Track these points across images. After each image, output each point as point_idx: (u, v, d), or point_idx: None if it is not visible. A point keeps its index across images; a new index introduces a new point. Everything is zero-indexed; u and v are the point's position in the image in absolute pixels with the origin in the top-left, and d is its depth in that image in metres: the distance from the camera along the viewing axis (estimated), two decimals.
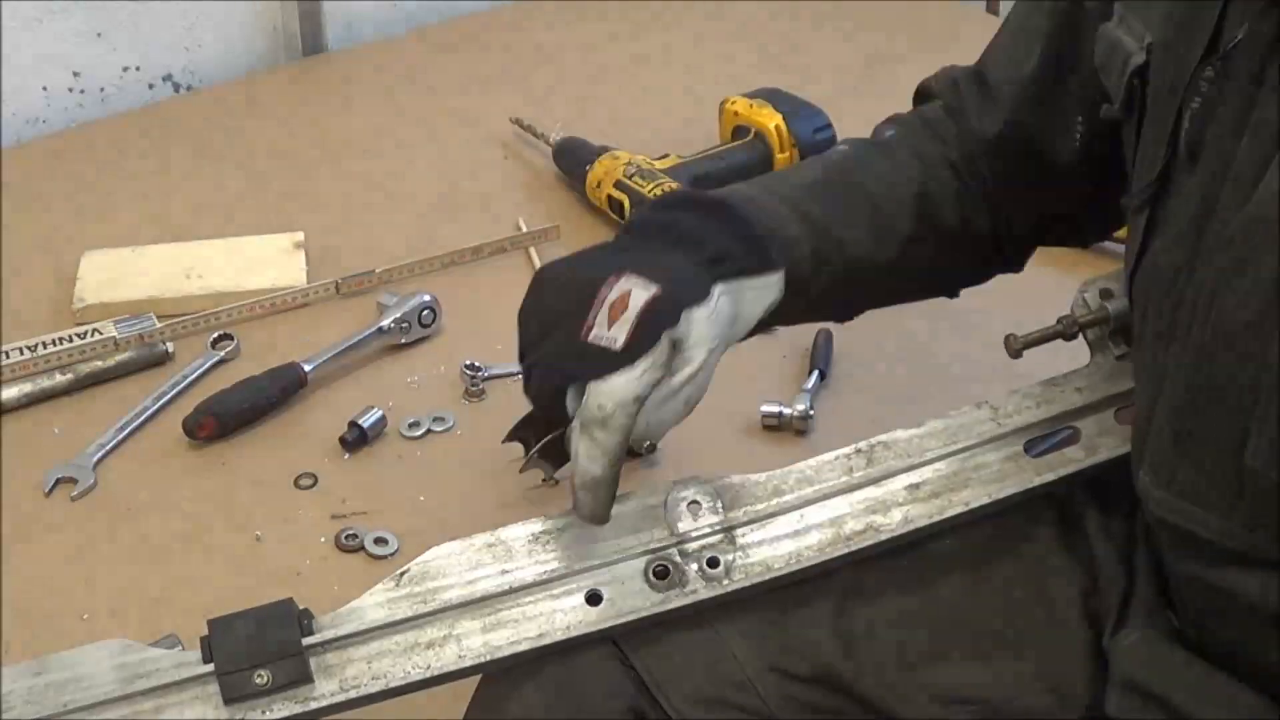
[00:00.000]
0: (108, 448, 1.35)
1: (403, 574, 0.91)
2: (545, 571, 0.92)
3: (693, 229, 0.93)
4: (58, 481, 1.31)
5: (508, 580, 0.92)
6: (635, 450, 1.31)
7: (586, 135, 1.74)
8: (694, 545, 0.93)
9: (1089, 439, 1.00)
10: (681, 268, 0.90)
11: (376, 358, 1.47)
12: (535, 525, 0.94)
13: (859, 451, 0.98)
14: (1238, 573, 0.83)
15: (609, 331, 0.86)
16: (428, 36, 2.08)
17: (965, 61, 1.10)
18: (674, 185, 1.61)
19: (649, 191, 1.60)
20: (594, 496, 0.87)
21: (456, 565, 0.92)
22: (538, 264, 1.60)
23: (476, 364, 1.43)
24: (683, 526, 0.94)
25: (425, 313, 1.48)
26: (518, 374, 1.43)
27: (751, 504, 0.96)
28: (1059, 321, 1.01)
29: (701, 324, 0.88)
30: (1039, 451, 1.00)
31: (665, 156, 1.68)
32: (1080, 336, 1.02)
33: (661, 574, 0.92)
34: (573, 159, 1.72)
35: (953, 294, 1.13)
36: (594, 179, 1.67)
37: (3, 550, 1.24)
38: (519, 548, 0.93)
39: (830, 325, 1.46)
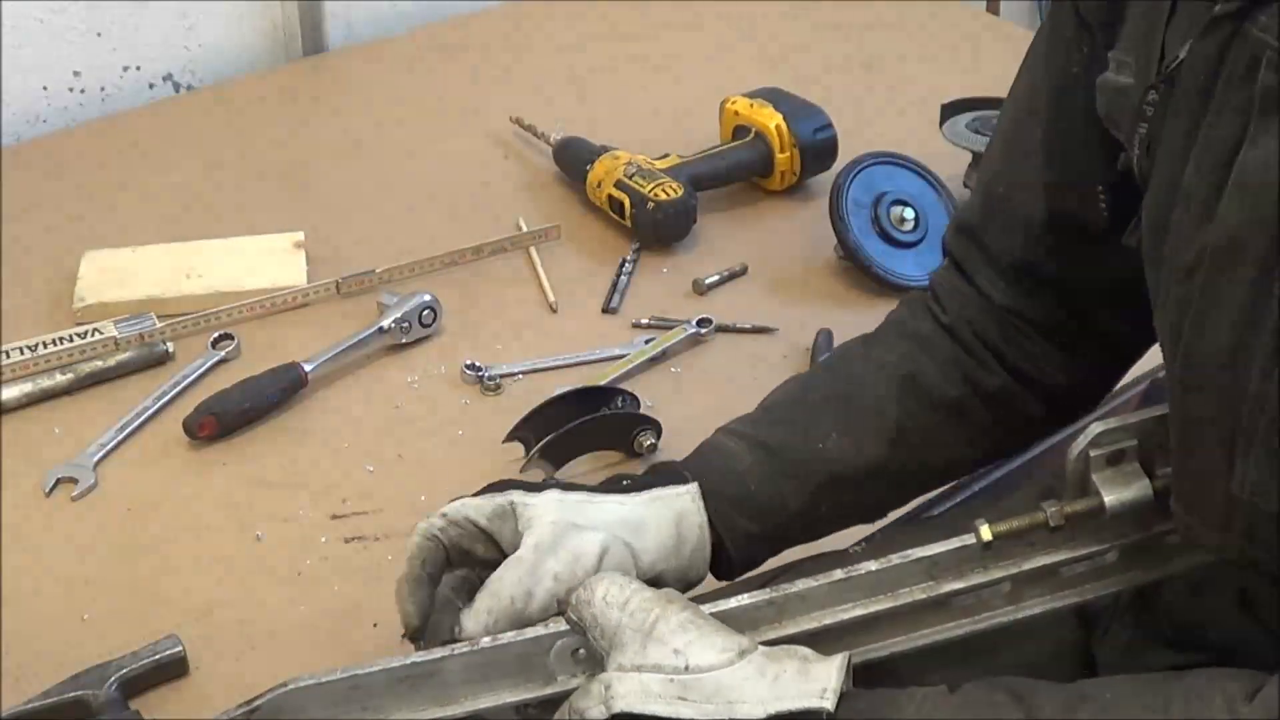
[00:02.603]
0: (108, 448, 1.35)
1: (254, 709, 0.85)
2: (412, 716, 0.87)
3: (613, 477, 1.00)
4: (58, 481, 1.31)
5: None
6: (636, 451, 1.31)
7: (586, 135, 1.75)
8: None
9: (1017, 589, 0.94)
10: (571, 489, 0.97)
11: (377, 358, 1.47)
12: (397, 664, 0.87)
13: (770, 603, 0.90)
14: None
15: None
16: (428, 36, 2.08)
17: (965, 61, 1.09)
18: (675, 184, 1.61)
19: (649, 191, 1.60)
20: (402, 596, 0.94)
21: (314, 702, 0.86)
22: (538, 264, 1.60)
23: (477, 364, 1.43)
24: (563, 678, 0.88)
25: (425, 312, 1.48)
26: (517, 374, 1.44)
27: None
28: (1042, 507, 0.91)
29: (544, 503, 0.93)
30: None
31: (665, 156, 1.68)
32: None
33: None
34: (573, 158, 1.72)
35: (1009, 453, 1.10)
36: (594, 179, 1.67)
37: (3, 550, 1.24)
38: (382, 688, 0.87)
39: (829, 324, 1.47)
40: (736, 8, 2.14)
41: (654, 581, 0.93)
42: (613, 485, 0.97)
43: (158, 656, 1.11)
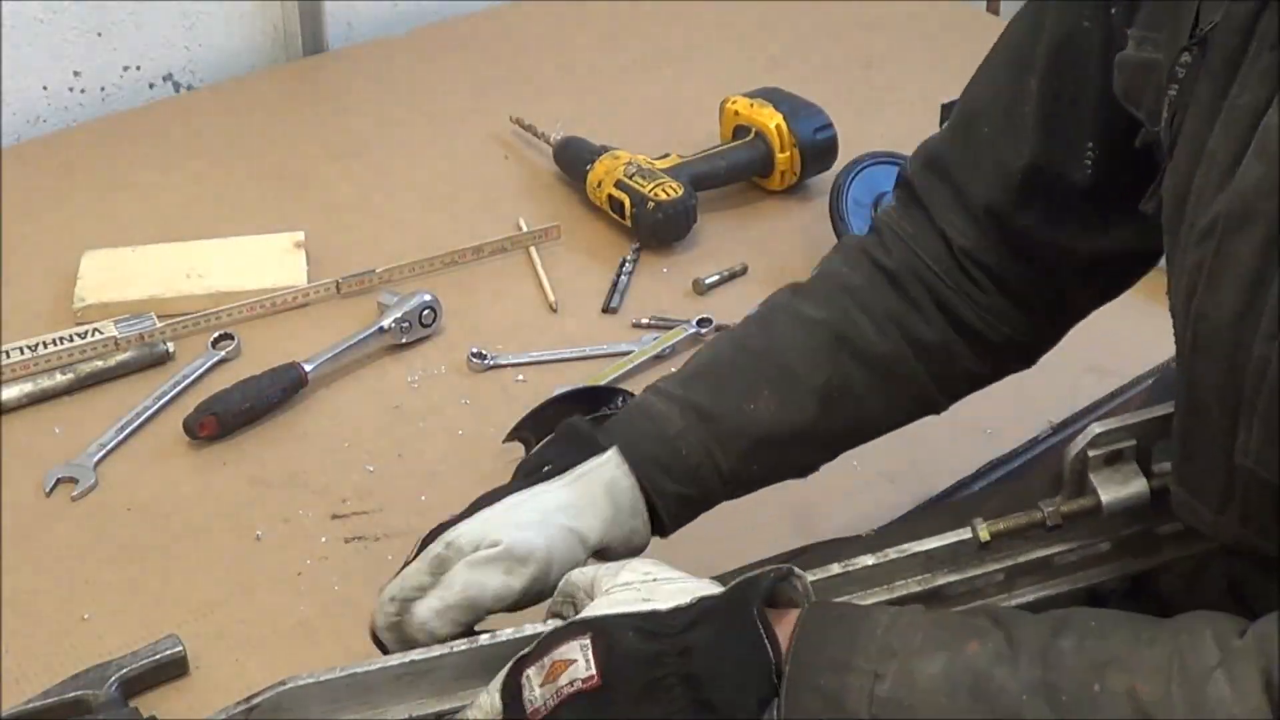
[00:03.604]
0: (108, 448, 1.35)
1: (253, 706, 0.85)
2: (409, 714, 0.87)
3: (528, 458, 1.01)
4: (58, 481, 1.31)
5: None
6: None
7: (587, 135, 1.75)
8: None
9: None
10: (492, 494, 0.96)
11: (377, 357, 1.47)
12: (395, 662, 0.87)
13: None
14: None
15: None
16: (428, 36, 2.08)
17: (965, 61, 1.09)
18: (675, 184, 1.61)
19: (649, 191, 1.60)
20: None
21: (313, 699, 0.86)
22: (538, 263, 1.60)
23: (483, 351, 1.44)
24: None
25: (426, 312, 1.48)
26: (522, 364, 1.43)
27: None
28: (1040, 506, 0.92)
29: (474, 526, 0.93)
30: None
31: (666, 156, 1.68)
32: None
33: None
34: (573, 158, 1.72)
35: (938, 410, 1.07)
36: (594, 178, 1.67)
37: (3, 550, 1.24)
38: (380, 685, 0.87)
39: None
40: (736, 8, 2.14)
41: (602, 556, 0.95)
42: (535, 475, 0.96)
43: (158, 656, 1.11)
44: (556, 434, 1.01)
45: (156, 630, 1.13)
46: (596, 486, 0.95)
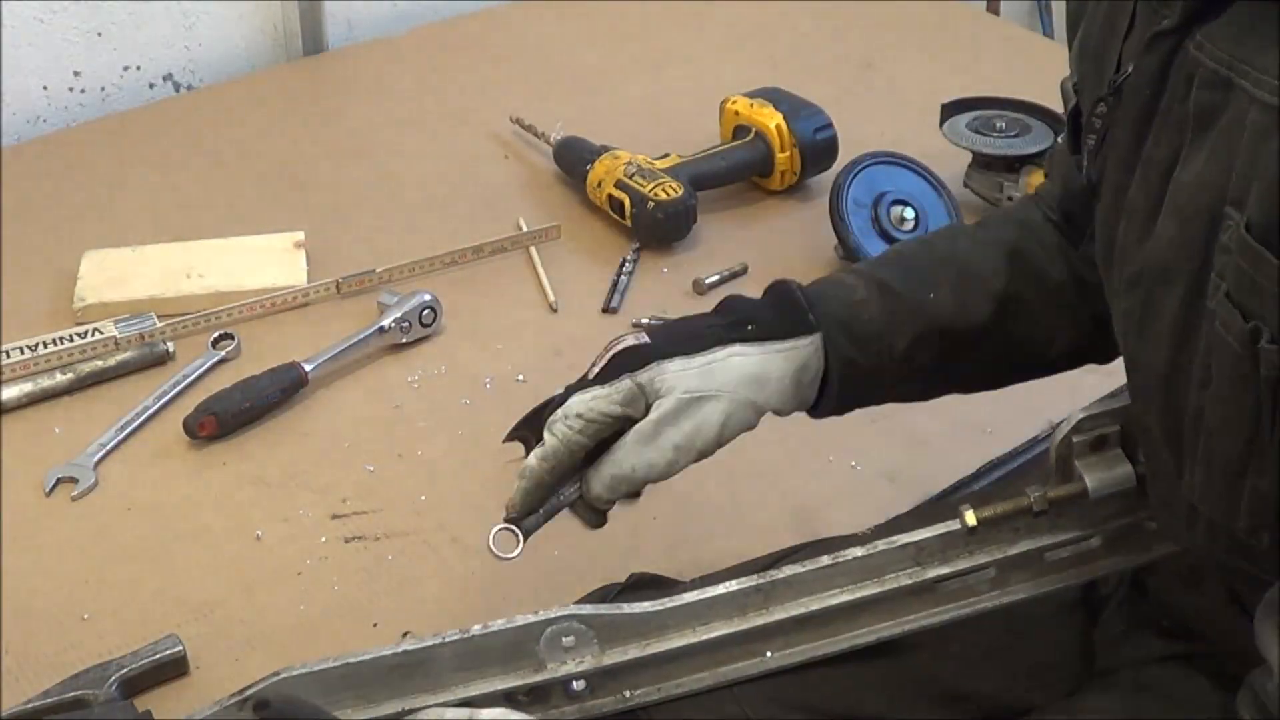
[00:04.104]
0: (108, 447, 1.35)
1: (247, 699, 0.85)
2: (402, 705, 0.87)
3: (736, 301, 1.00)
4: (58, 481, 1.31)
5: (362, 714, 0.86)
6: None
7: (587, 134, 1.75)
8: (561, 686, 0.89)
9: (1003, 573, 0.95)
10: (689, 327, 0.96)
11: (377, 357, 1.47)
12: (389, 653, 0.88)
13: (757, 589, 0.92)
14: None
15: (593, 369, 0.97)
16: (428, 36, 2.08)
17: (965, 61, 1.10)
18: (675, 184, 1.61)
19: (649, 191, 1.60)
20: (520, 486, 0.95)
21: (308, 691, 0.86)
22: (538, 263, 1.60)
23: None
24: (553, 665, 0.89)
25: (426, 312, 1.48)
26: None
27: (631, 642, 0.90)
28: (1026, 492, 0.92)
29: (671, 375, 0.93)
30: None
31: (666, 156, 1.68)
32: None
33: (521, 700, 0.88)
34: (573, 158, 1.72)
35: (1053, 368, 1.07)
36: (594, 178, 1.67)
37: (3, 550, 1.24)
38: (374, 677, 0.87)
39: None
40: (736, 8, 2.14)
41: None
42: (736, 330, 0.96)
43: (158, 656, 1.11)
44: (768, 291, 1.00)
45: (156, 630, 1.13)
46: (789, 366, 0.95)
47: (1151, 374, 0.79)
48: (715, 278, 1.58)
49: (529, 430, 1.26)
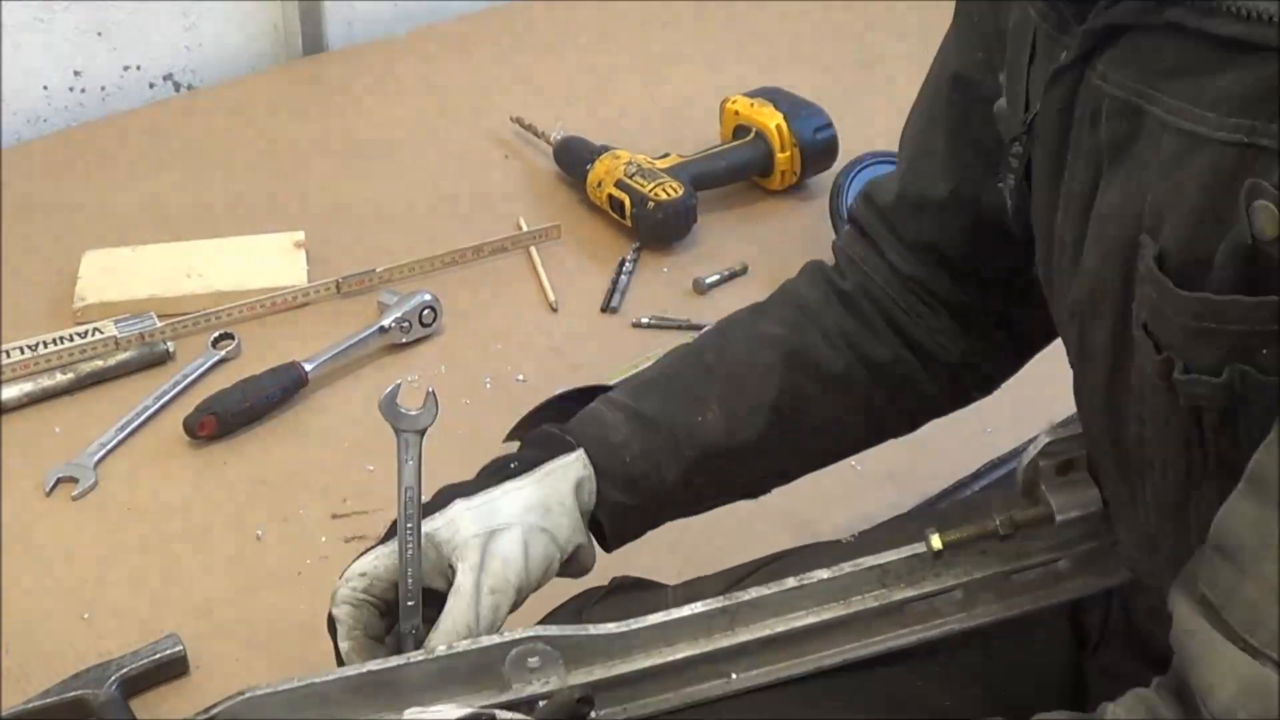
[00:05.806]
0: (108, 447, 1.35)
1: (212, 718, 0.84)
2: None
3: (496, 459, 0.99)
4: (58, 481, 1.31)
5: None
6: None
7: (587, 134, 1.75)
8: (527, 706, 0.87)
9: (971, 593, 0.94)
10: (455, 493, 0.96)
11: (377, 357, 1.47)
12: (354, 672, 0.87)
13: (723, 611, 0.90)
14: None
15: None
16: (428, 36, 2.08)
17: None
18: (675, 184, 1.61)
19: (649, 191, 1.60)
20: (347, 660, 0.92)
21: (272, 710, 0.85)
22: (538, 263, 1.60)
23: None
24: (518, 685, 0.87)
25: (426, 312, 1.48)
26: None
27: (597, 662, 0.89)
28: (992, 516, 0.91)
29: (455, 517, 0.93)
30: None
31: (666, 156, 1.68)
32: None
33: None
34: (573, 158, 1.72)
35: (898, 433, 1.05)
36: (594, 178, 1.67)
37: (3, 550, 1.24)
38: (339, 696, 0.86)
39: None
40: (736, 8, 2.14)
41: (574, 557, 0.94)
42: (503, 471, 0.95)
43: (158, 656, 1.11)
44: (527, 439, 1.00)
45: (156, 630, 1.13)
46: (565, 485, 0.94)
47: (1094, 408, 0.78)
48: (715, 277, 1.58)
49: (529, 430, 1.25)
